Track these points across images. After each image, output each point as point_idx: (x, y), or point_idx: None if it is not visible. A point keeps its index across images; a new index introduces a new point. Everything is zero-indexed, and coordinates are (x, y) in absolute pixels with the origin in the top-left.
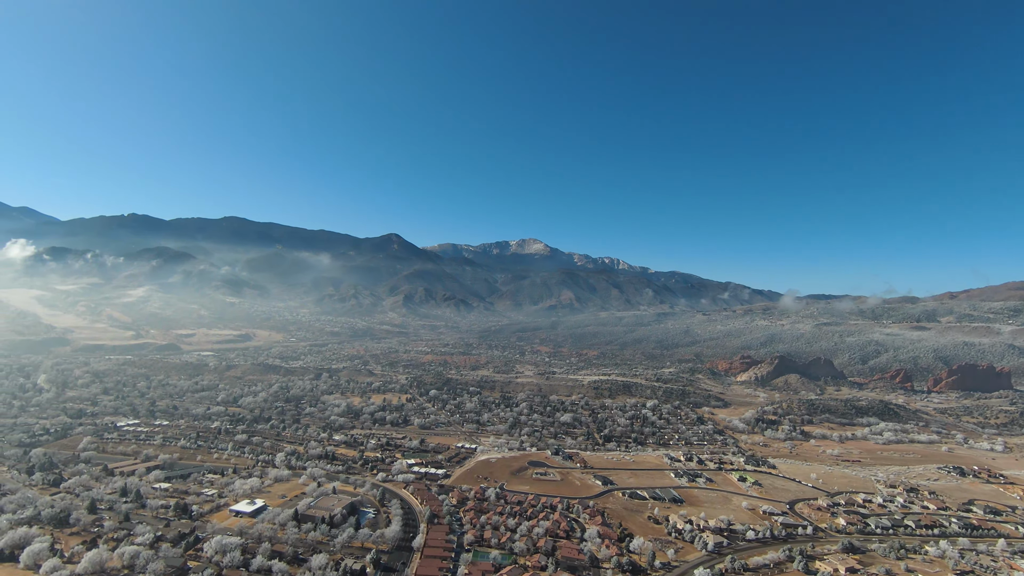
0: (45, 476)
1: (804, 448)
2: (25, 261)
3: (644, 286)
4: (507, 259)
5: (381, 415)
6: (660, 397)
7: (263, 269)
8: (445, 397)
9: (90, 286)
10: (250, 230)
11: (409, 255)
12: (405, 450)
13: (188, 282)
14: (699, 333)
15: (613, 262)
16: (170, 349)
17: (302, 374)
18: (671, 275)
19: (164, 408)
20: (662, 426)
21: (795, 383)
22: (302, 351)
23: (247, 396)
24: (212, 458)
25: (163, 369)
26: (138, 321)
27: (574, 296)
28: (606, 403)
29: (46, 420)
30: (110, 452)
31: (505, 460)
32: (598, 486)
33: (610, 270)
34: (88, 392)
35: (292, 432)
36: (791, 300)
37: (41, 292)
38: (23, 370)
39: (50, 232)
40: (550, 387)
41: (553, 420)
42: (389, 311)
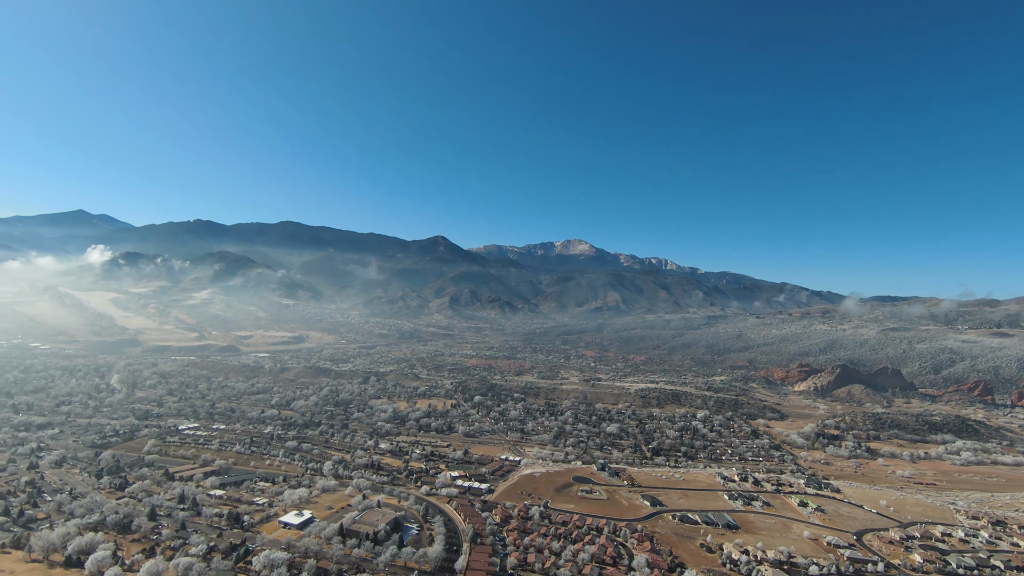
0: (112, 480)
1: (871, 468)
2: (103, 265)
3: (693, 287)
4: (552, 260)
5: (426, 421)
6: (711, 407)
7: (316, 272)
8: (489, 403)
9: (159, 289)
10: (304, 234)
11: (455, 257)
12: (449, 461)
13: (247, 285)
14: (752, 338)
15: (661, 262)
16: (230, 350)
17: (351, 377)
18: (722, 275)
19: (222, 410)
20: (714, 439)
21: (859, 394)
22: (351, 353)
23: (299, 400)
24: (264, 464)
25: (223, 371)
26: (201, 323)
27: (620, 298)
28: (654, 413)
29: (116, 421)
30: (172, 455)
31: (549, 475)
32: (646, 507)
33: (657, 271)
34: (155, 393)
35: (340, 439)
36: (853, 303)
37: (116, 295)
38: (99, 370)
39: (125, 238)
40: (596, 395)
41: (599, 430)
42: (435, 313)
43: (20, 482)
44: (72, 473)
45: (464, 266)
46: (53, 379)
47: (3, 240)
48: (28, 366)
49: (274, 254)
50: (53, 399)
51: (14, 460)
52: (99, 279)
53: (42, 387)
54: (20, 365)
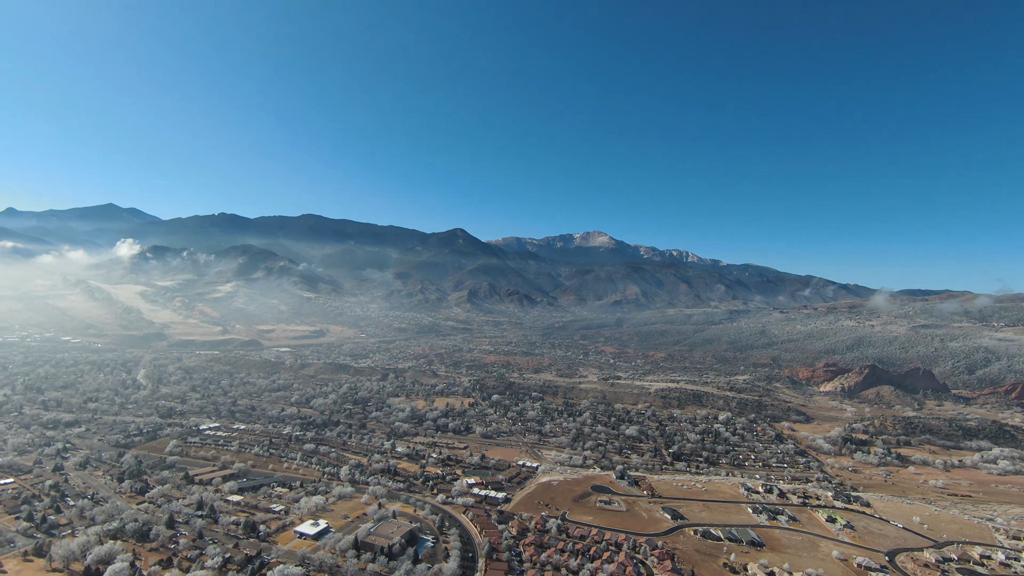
0: (133, 484)
1: (901, 476)
2: (132, 259)
3: (715, 280)
4: (571, 252)
5: (444, 421)
6: (734, 409)
7: (337, 265)
8: (507, 403)
9: (185, 282)
10: (325, 227)
11: (474, 249)
12: (466, 466)
13: (269, 278)
14: (776, 334)
15: (682, 255)
16: (252, 345)
17: (370, 374)
18: (744, 268)
19: (243, 408)
20: (736, 443)
21: (888, 396)
22: (371, 348)
23: (318, 398)
24: (282, 467)
25: (244, 366)
26: (225, 316)
27: (640, 291)
28: (674, 414)
29: (140, 419)
30: (192, 456)
31: (567, 483)
32: (667, 520)
33: (678, 263)
34: (178, 390)
35: (357, 441)
36: (883, 298)
37: (144, 288)
38: (126, 365)
39: (153, 231)
40: (615, 394)
41: (618, 432)
42: (454, 306)
43: (45, 486)
44: (95, 476)
45: (483, 259)
46: (82, 374)
47: (37, 234)
48: (59, 360)
49: (296, 247)
50: (81, 395)
51: (40, 462)
52: (128, 272)
53: (71, 382)
54: (52, 359)
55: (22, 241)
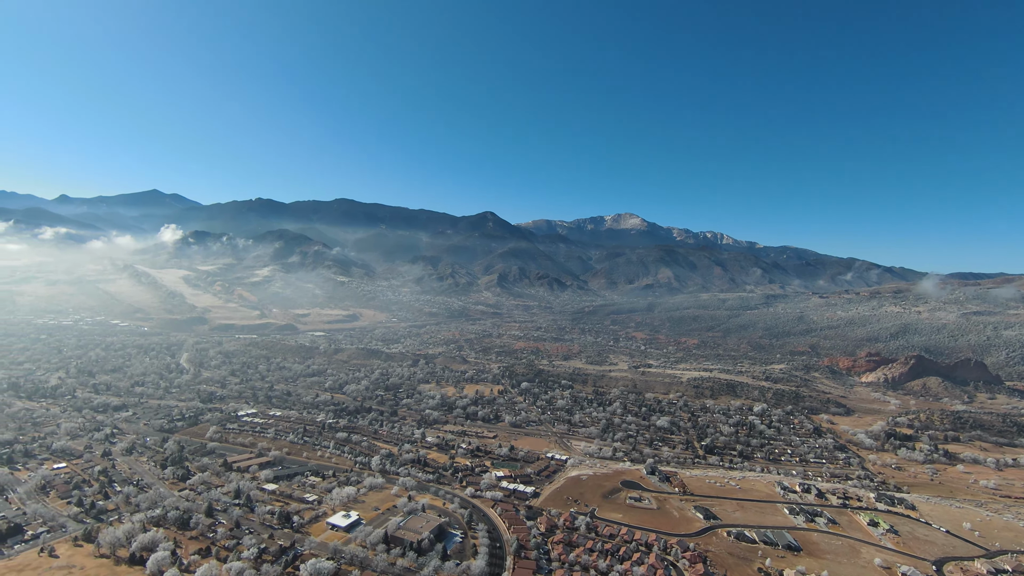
0: (175, 471)
1: (949, 475)
2: (175, 244)
3: (751, 264)
4: (602, 235)
5: (473, 410)
6: (769, 400)
7: (369, 249)
8: (536, 391)
9: (225, 266)
10: (358, 211)
11: (504, 233)
12: (494, 458)
13: (304, 262)
14: (815, 320)
15: (716, 237)
16: (288, 329)
17: (401, 360)
18: (782, 250)
19: (279, 393)
20: (772, 436)
21: (936, 388)
22: (402, 333)
23: (351, 383)
24: (316, 456)
25: (281, 351)
26: (263, 300)
27: (672, 275)
28: (707, 405)
29: (183, 403)
30: (231, 442)
31: (596, 478)
32: (699, 520)
33: (712, 246)
34: (218, 374)
35: (388, 430)
36: (931, 283)
37: (187, 272)
38: (170, 349)
39: (194, 216)
40: (645, 383)
41: (649, 423)
42: (484, 290)
43: (94, 471)
44: (140, 461)
45: (513, 242)
46: (130, 358)
47: (88, 220)
48: (109, 344)
49: (329, 231)
50: (129, 379)
51: (90, 447)
52: (172, 257)
53: (120, 366)
54: (102, 343)
55: (74, 227)
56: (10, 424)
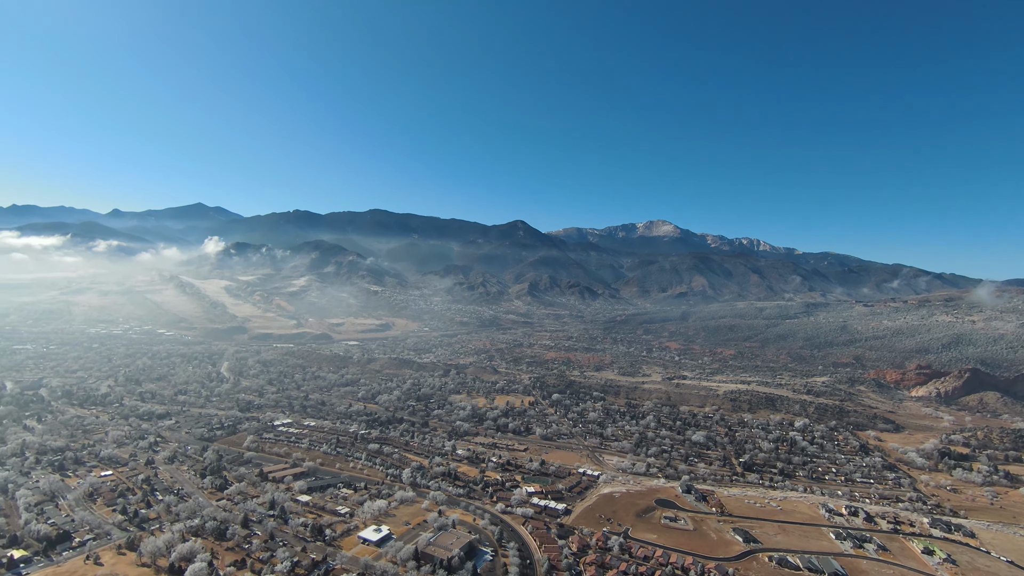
0: (213, 480)
1: (1011, 499)
2: (217, 255)
3: (790, 271)
4: (633, 242)
5: (504, 421)
6: (811, 415)
7: (402, 258)
8: (568, 403)
9: (264, 276)
10: (391, 221)
11: (534, 241)
12: (525, 472)
13: (339, 272)
14: (859, 330)
15: (752, 243)
16: (323, 338)
17: (432, 370)
18: (823, 257)
19: (314, 403)
20: (815, 454)
21: (994, 404)
22: (433, 342)
23: (383, 393)
24: (348, 467)
25: (316, 360)
26: (299, 310)
27: (707, 283)
28: (745, 419)
29: (223, 412)
30: (267, 452)
31: (630, 495)
32: (738, 544)
33: (749, 252)
34: (256, 383)
35: (419, 442)
36: (987, 290)
37: (228, 282)
38: (211, 357)
39: (236, 228)
40: (680, 396)
41: (684, 438)
42: (515, 299)
43: (138, 479)
44: (181, 470)
45: (543, 251)
46: (174, 366)
47: (138, 233)
48: (155, 352)
49: (363, 242)
50: (173, 387)
51: (135, 455)
52: (214, 268)
53: (165, 374)
54: (149, 351)
55: (125, 240)
56: (63, 431)
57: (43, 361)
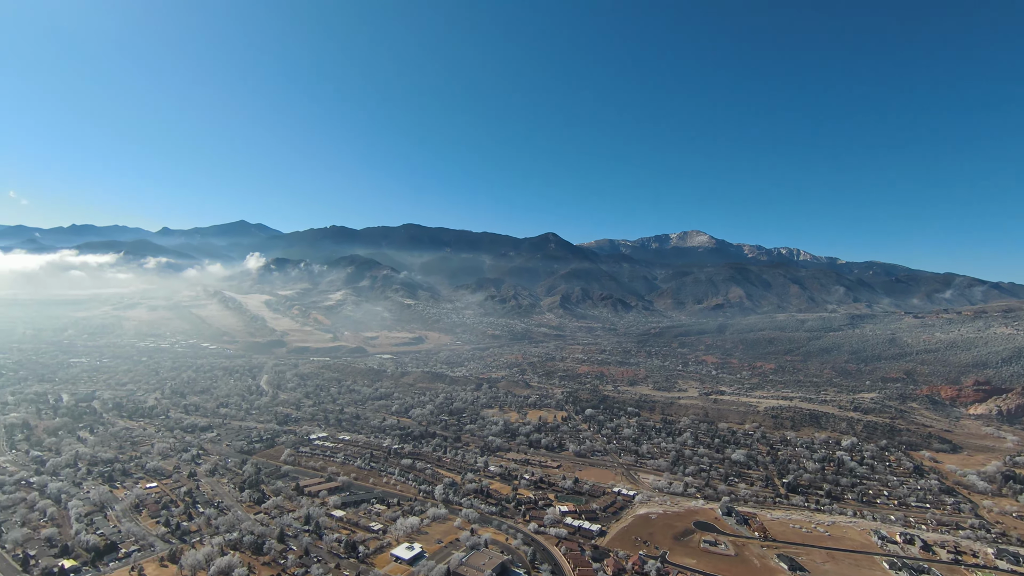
0: (252, 493)
1: None
2: (258, 270)
3: (832, 281)
4: (667, 253)
5: (536, 437)
6: (859, 433)
7: (434, 272)
8: (601, 418)
9: (302, 291)
10: (424, 235)
11: (566, 253)
12: (559, 491)
13: (374, 286)
14: (909, 343)
15: (791, 253)
16: (358, 352)
17: (464, 384)
18: (867, 266)
19: (349, 416)
20: (864, 475)
21: None
22: (466, 356)
23: (416, 407)
24: (381, 482)
25: (351, 374)
26: (335, 324)
27: (744, 294)
28: (788, 437)
29: (262, 424)
30: (303, 466)
31: (667, 517)
32: (783, 572)
33: (788, 262)
34: (294, 396)
35: (452, 457)
36: None
37: (268, 297)
38: (252, 371)
39: (276, 244)
40: (718, 412)
41: (723, 456)
42: (546, 311)
43: (180, 492)
44: (221, 483)
45: (575, 263)
46: (216, 379)
47: (185, 250)
48: (199, 366)
49: (397, 256)
50: (215, 400)
51: (178, 467)
52: (255, 283)
53: (208, 387)
54: (193, 364)
55: (173, 257)
56: (112, 443)
57: (96, 374)
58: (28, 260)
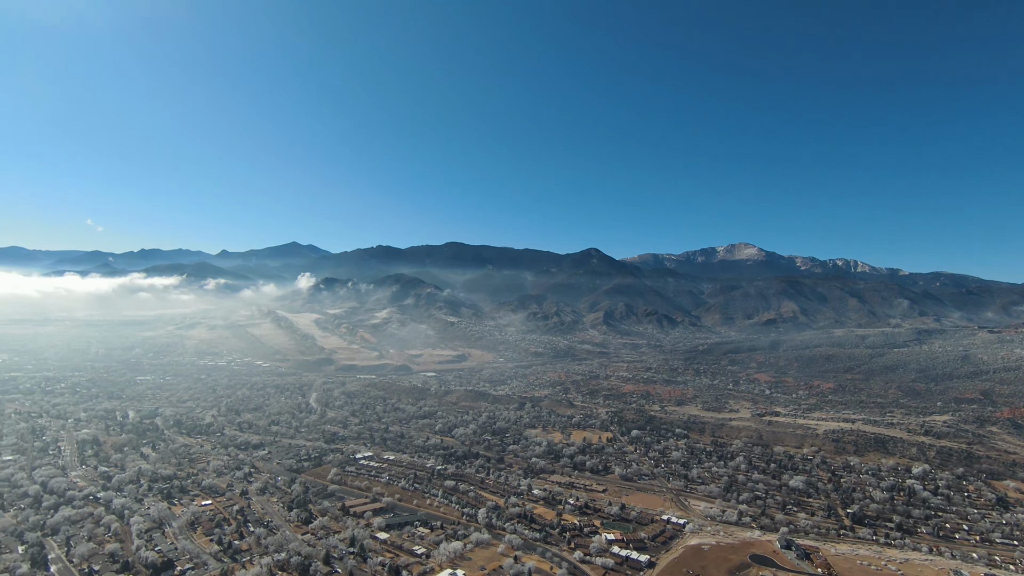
0: (299, 513)
1: None
2: (308, 290)
3: (895, 294)
4: (714, 267)
5: (581, 459)
6: (932, 460)
7: (477, 289)
8: (648, 440)
9: (350, 310)
10: (466, 253)
11: (608, 269)
12: (604, 517)
13: (418, 304)
14: (985, 360)
15: (849, 264)
16: (403, 369)
17: (507, 403)
18: (934, 277)
19: (393, 435)
20: (940, 506)
21: None
22: (508, 374)
23: (459, 427)
24: (425, 504)
25: (396, 392)
26: (381, 342)
27: (798, 308)
28: (851, 463)
29: (310, 443)
30: (349, 486)
31: (720, 549)
32: None
33: (845, 274)
34: (341, 414)
35: (495, 479)
36: None
37: (317, 316)
38: (301, 389)
39: (325, 265)
40: (773, 435)
41: (779, 483)
42: (589, 328)
43: (232, 510)
44: (271, 502)
45: (618, 278)
46: (268, 397)
47: (241, 271)
48: (253, 384)
49: (440, 274)
50: (267, 417)
51: (231, 486)
52: (305, 302)
53: (260, 405)
54: (247, 382)
55: (231, 278)
56: (172, 459)
57: (160, 391)
58: (102, 283)
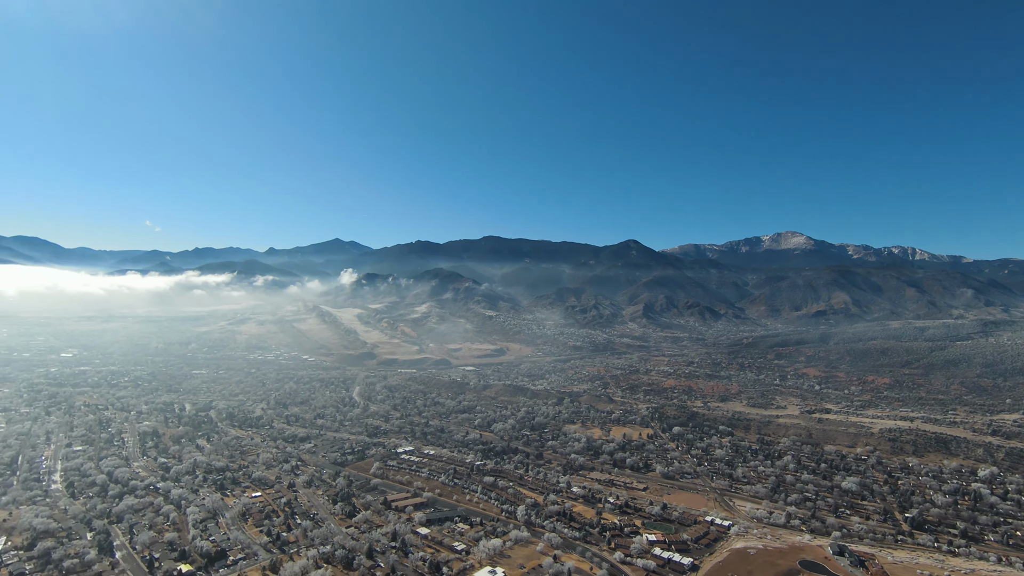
0: (343, 507)
1: None
2: (351, 286)
3: (957, 283)
4: (759, 257)
5: (621, 456)
6: (1001, 462)
7: (514, 283)
8: (690, 437)
9: (390, 304)
10: (504, 247)
11: (648, 261)
12: (645, 516)
13: (456, 298)
14: None
15: (905, 252)
16: (442, 364)
17: (545, 398)
18: (1001, 264)
19: (433, 430)
20: (1010, 512)
21: None
22: (546, 368)
23: (498, 422)
24: (464, 499)
25: (435, 386)
26: (420, 336)
27: (850, 299)
28: (910, 464)
29: (354, 436)
30: (391, 480)
31: (767, 553)
32: None
33: (902, 263)
34: (383, 408)
35: (533, 476)
36: None
37: (360, 311)
38: (345, 383)
39: (366, 260)
40: (823, 433)
41: (831, 484)
42: (629, 321)
43: (280, 502)
44: (317, 495)
45: (658, 270)
46: (314, 391)
47: (288, 268)
48: (299, 377)
49: (478, 268)
50: (313, 411)
51: (280, 478)
52: (348, 297)
53: (307, 398)
54: (294, 376)
55: (278, 275)
56: (225, 452)
57: (213, 385)
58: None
